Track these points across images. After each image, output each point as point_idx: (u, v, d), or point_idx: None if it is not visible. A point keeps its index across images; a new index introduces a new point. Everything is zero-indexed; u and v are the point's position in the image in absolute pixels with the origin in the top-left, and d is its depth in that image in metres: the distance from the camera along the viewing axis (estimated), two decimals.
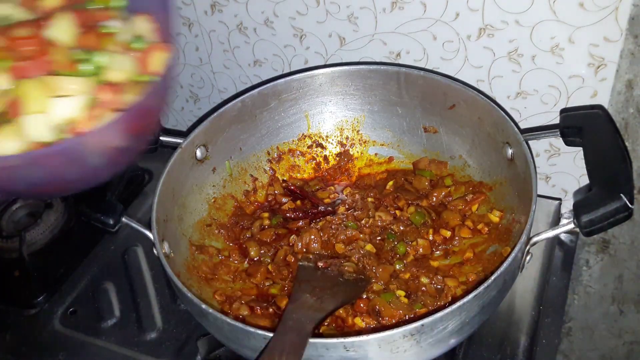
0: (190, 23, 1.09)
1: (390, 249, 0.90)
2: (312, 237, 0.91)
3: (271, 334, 0.68)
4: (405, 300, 0.83)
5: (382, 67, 0.99)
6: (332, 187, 1.05)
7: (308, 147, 1.08)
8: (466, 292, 0.72)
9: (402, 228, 0.92)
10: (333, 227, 0.92)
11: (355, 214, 0.96)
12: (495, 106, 0.89)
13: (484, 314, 0.74)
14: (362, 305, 0.82)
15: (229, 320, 0.71)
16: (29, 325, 0.98)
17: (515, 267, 0.76)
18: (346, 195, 1.02)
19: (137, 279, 1.02)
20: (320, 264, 0.87)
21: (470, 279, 0.85)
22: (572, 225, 0.73)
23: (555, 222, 1.03)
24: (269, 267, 0.91)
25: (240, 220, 1.00)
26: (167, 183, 0.89)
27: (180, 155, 0.92)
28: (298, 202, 1.02)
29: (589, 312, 1.24)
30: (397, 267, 0.88)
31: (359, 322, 0.81)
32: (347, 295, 0.82)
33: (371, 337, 0.67)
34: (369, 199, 0.98)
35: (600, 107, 0.91)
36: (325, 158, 1.09)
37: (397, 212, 0.95)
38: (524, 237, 0.74)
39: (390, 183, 1.01)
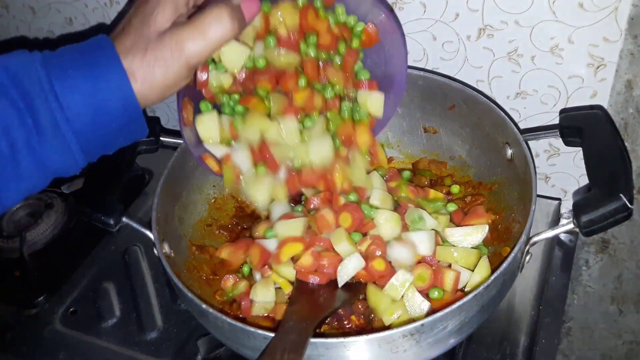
0: None
1: None
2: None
3: (271, 334, 0.68)
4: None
5: None
6: None
7: None
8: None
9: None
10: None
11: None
12: (495, 106, 0.89)
13: (483, 313, 0.75)
14: (360, 306, 0.83)
15: (229, 320, 0.71)
16: (29, 325, 0.98)
17: (515, 267, 0.77)
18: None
19: (137, 279, 1.02)
20: None
21: None
22: (571, 225, 0.73)
23: (555, 222, 1.03)
24: None
25: (241, 222, 1.00)
26: (167, 183, 0.89)
27: (180, 155, 0.92)
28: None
29: (589, 312, 1.25)
30: None
31: (355, 319, 0.81)
32: (347, 295, 0.82)
33: (371, 336, 0.67)
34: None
35: (599, 107, 0.92)
36: None
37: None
38: (523, 237, 0.74)
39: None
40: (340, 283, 0.80)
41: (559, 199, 1.06)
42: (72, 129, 0.59)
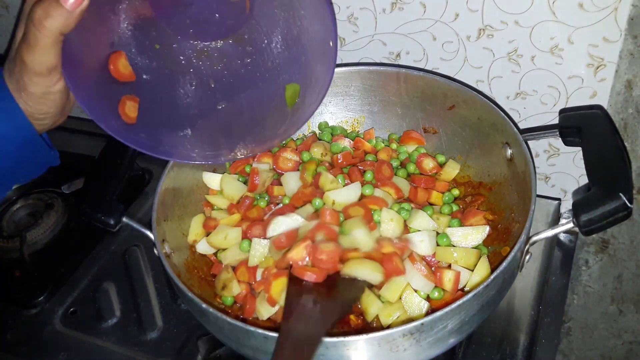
0: None
1: None
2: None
3: (271, 333, 0.67)
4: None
5: (382, 67, 0.99)
6: None
7: None
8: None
9: None
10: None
11: None
12: (495, 106, 0.89)
13: (483, 313, 0.75)
14: (360, 306, 0.83)
15: (229, 319, 0.71)
16: (29, 325, 0.98)
17: (515, 267, 0.77)
18: None
19: (137, 279, 1.02)
20: None
21: None
22: (571, 225, 0.73)
23: (555, 221, 1.03)
24: None
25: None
26: (167, 183, 0.89)
27: None
28: None
29: (589, 312, 1.25)
30: None
31: (354, 319, 0.81)
32: (347, 295, 0.77)
33: (371, 336, 0.67)
34: None
35: (599, 107, 0.92)
36: None
37: None
38: (523, 237, 0.74)
39: None
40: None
41: (559, 199, 1.06)
42: None
